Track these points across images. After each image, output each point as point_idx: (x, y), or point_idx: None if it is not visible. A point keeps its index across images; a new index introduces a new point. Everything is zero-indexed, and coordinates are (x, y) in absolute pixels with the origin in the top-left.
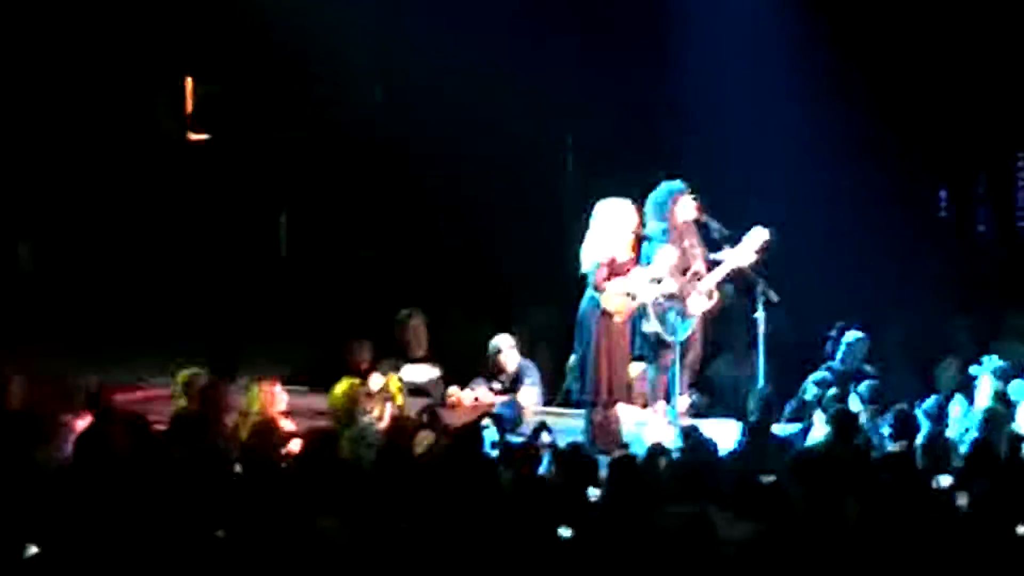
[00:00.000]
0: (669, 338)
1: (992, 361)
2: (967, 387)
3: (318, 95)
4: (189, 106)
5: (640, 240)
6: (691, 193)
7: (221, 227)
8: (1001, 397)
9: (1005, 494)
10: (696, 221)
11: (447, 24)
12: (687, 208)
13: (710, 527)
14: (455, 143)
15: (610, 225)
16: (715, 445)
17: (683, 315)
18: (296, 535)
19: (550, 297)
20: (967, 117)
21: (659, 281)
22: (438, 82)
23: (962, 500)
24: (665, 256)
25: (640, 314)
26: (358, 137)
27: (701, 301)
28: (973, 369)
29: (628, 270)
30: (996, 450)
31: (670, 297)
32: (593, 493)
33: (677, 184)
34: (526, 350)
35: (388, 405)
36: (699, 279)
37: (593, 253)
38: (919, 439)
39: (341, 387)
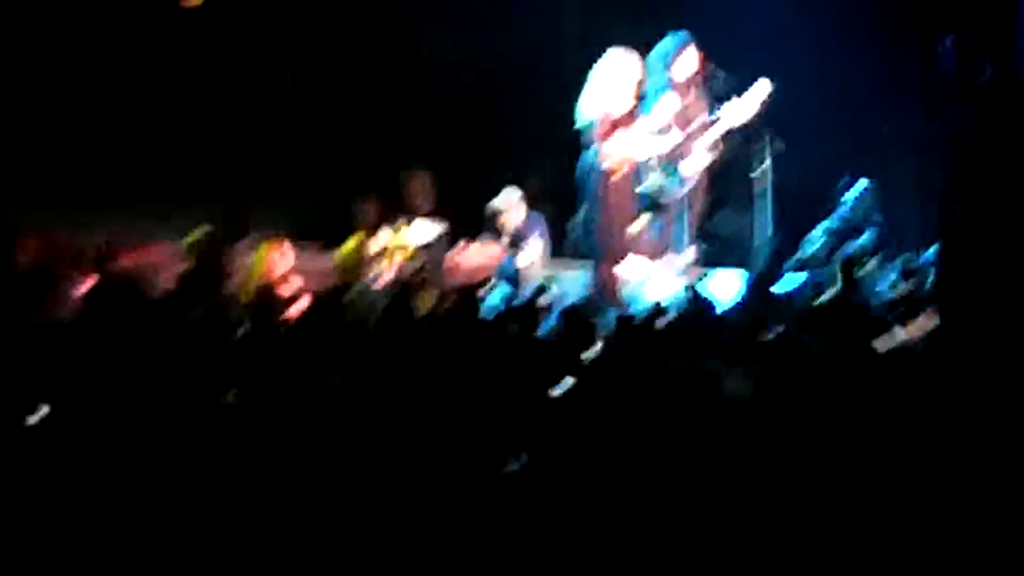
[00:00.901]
0: (669, 195)
1: None
2: None
3: None
4: None
5: (641, 93)
6: (695, 45)
7: (224, 80)
8: None
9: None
10: (700, 74)
11: None
12: (690, 61)
13: (715, 381)
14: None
15: (609, 78)
16: (714, 304)
17: (680, 173)
18: (300, 394)
19: (554, 151)
20: None
21: (660, 132)
22: None
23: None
24: (664, 107)
25: (639, 169)
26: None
27: (701, 157)
28: None
29: (628, 124)
30: None
31: (668, 154)
32: (589, 354)
33: (681, 36)
34: (531, 204)
35: (395, 260)
36: (699, 134)
37: (588, 108)
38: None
39: (349, 245)
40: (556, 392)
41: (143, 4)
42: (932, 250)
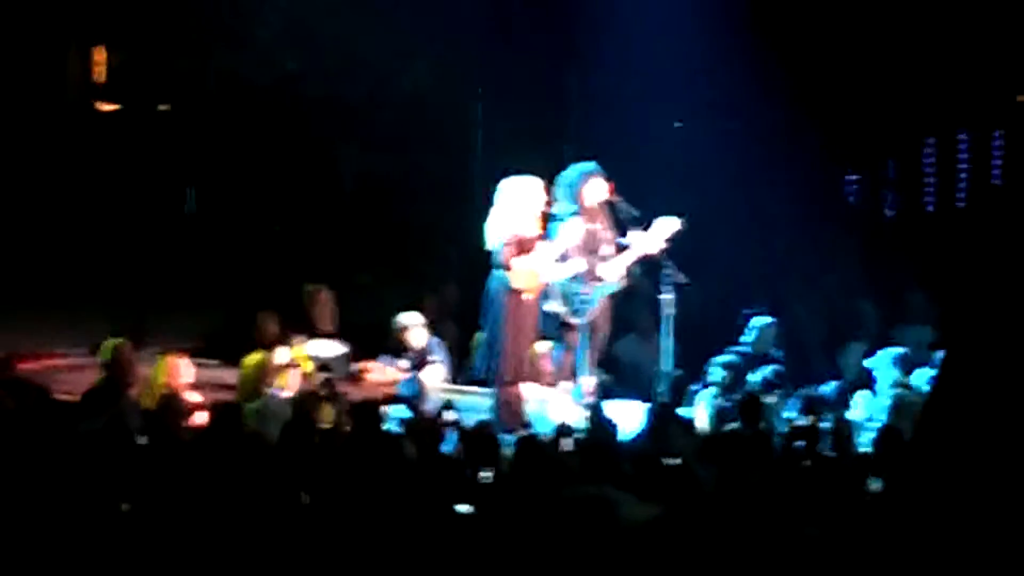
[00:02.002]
0: (573, 319)
1: (887, 353)
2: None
3: (228, 65)
4: (98, 74)
5: (548, 219)
6: (603, 175)
7: (130, 196)
8: (903, 386)
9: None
10: (607, 203)
11: None
12: (598, 190)
13: (611, 508)
14: (364, 113)
15: (516, 202)
16: (616, 426)
17: (588, 296)
18: (200, 508)
19: (456, 272)
20: (876, 103)
21: (565, 258)
22: (349, 51)
23: (875, 485)
24: (570, 231)
25: (545, 293)
26: (267, 106)
27: (606, 283)
28: (868, 362)
29: (534, 247)
30: (904, 436)
31: (575, 278)
32: (486, 475)
33: (589, 165)
34: (433, 326)
35: (295, 374)
36: (605, 261)
37: (499, 230)
38: (824, 423)
39: (251, 360)
40: (459, 510)
41: (51, 113)
42: (831, 385)
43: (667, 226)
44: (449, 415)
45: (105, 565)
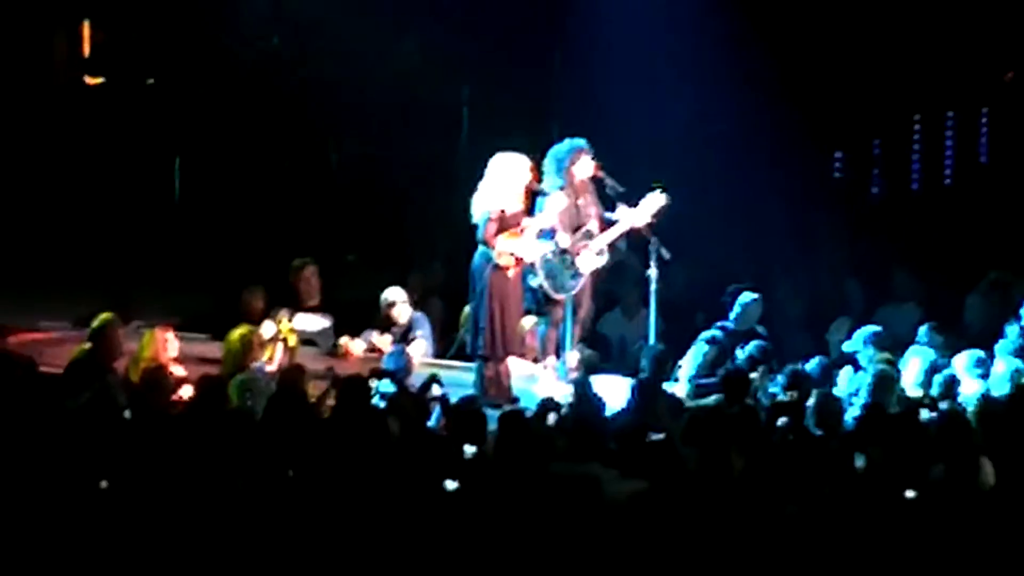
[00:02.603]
0: (556, 294)
1: (861, 333)
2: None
3: (215, 41)
4: (86, 49)
5: (534, 195)
6: (591, 152)
7: (116, 172)
8: (887, 362)
9: (897, 457)
10: (593, 179)
11: None
12: (585, 166)
13: (596, 485)
14: (352, 93)
15: (502, 178)
16: (603, 402)
17: (572, 272)
18: (184, 482)
19: (443, 250)
20: (864, 80)
21: (550, 233)
22: (336, 30)
23: (859, 462)
24: (554, 204)
25: (528, 269)
26: (254, 84)
27: (591, 259)
28: (846, 346)
29: (519, 223)
30: (887, 412)
31: (560, 253)
32: (469, 450)
33: (579, 141)
34: (418, 302)
35: (279, 347)
36: (591, 237)
37: (483, 206)
38: (810, 399)
39: (236, 334)
40: (447, 486)
41: (38, 88)
42: (815, 361)
43: (654, 201)
44: (435, 390)
45: (88, 540)
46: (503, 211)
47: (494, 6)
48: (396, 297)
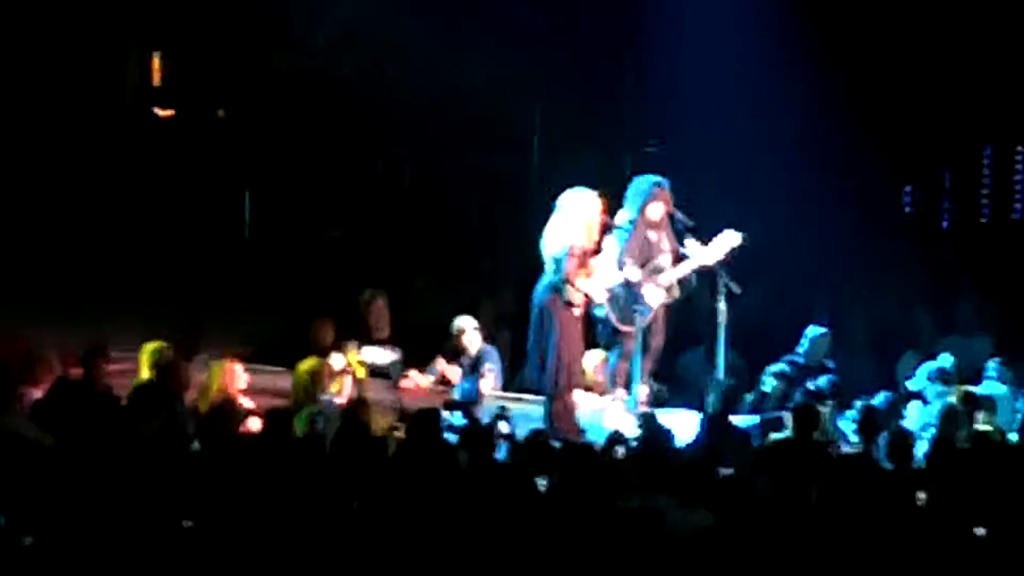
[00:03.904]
0: (623, 326)
1: (924, 369)
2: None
3: (285, 66)
4: (156, 79)
5: (606, 230)
6: (668, 191)
7: (187, 203)
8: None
9: (963, 492)
10: (668, 214)
11: None
12: (658, 208)
13: (661, 518)
14: (423, 114)
15: (576, 214)
16: (671, 434)
17: (638, 305)
18: (251, 514)
19: (514, 276)
20: (933, 113)
21: (620, 266)
22: (407, 51)
23: (921, 496)
24: (610, 246)
25: (601, 301)
26: (325, 109)
27: (658, 293)
28: (910, 383)
29: (591, 261)
30: (955, 448)
31: (627, 286)
32: (541, 483)
33: (660, 179)
34: (488, 333)
35: (348, 380)
36: (660, 271)
37: (560, 241)
38: (882, 435)
39: (305, 365)
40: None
41: (110, 117)
42: (882, 396)
43: (728, 240)
44: (503, 426)
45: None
46: (581, 248)
47: (567, 27)
48: (467, 325)
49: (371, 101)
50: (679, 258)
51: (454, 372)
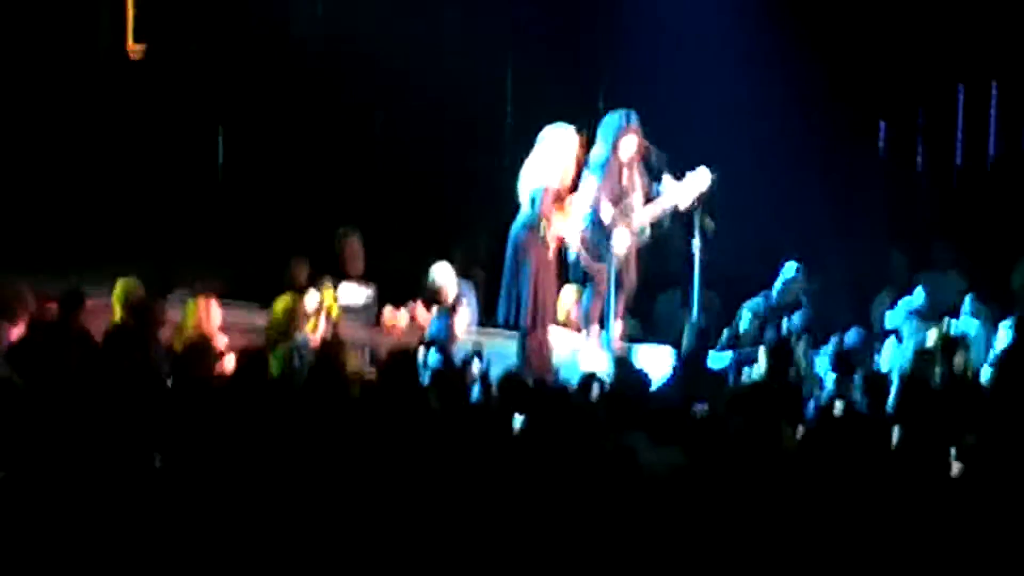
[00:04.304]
0: (595, 265)
1: (905, 304)
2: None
3: (258, 12)
4: (130, 17)
5: (581, 168)
6: (640, 129)
7: (159, 141)
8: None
9: (936, 430)
10: (640, 151)
11: None
12: (631, 144)
13: (634, 457)
14: (395, 62)
15: (553, 152)
16: (647, 375)
17: (609, 245)
18: (222, 453)
19: (487, 222)
20: (907, 52)
21: (594, 210)
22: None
23: (895, 435)
24: (588, 186)
25: (573, 240)
26: (298, 55)
27: (626, 239)
28: (889, 317)
29: (565, 199)
30: (928, 388)
31: (599, 226)
32: (517, 421)
33: (630, 115)
34: (462, 272)
35: (323, 319)
36: (632, 212)
37: (536, 179)
38: (857, 373)
39: (281, 303)
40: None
41: (76, 64)
42: (853, 333)
43: (698, 180)
44: (475, 367)
45: (128, 510)
46: (556, 187)
47: None
48: (445, 279)
49: (343, 46)
50: (649, 197)
51: (426, 315)
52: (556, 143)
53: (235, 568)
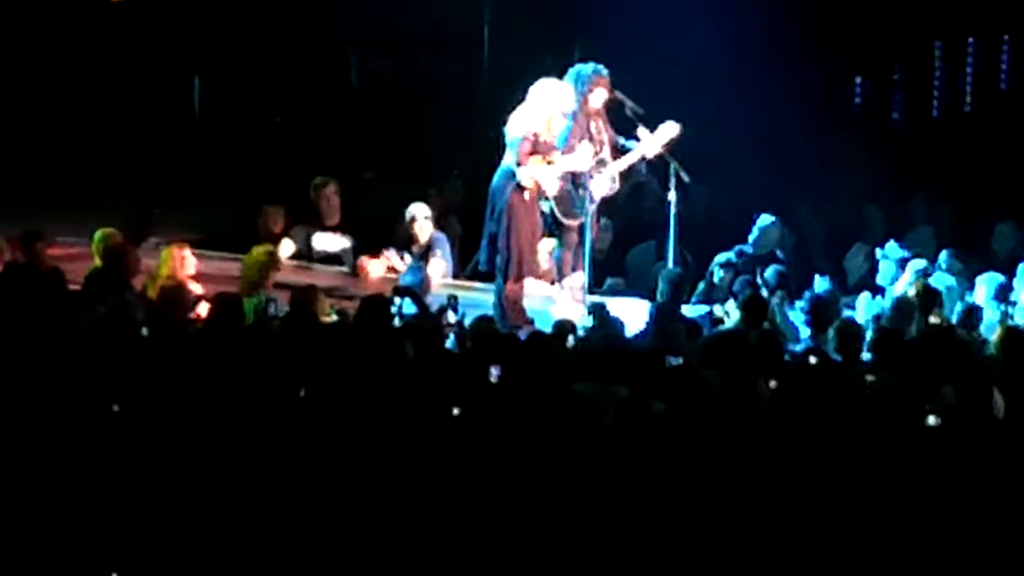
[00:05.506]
0: (566, 219)
1: (895, 250)
2: (874, 273)
3: None
4: None
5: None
6: (609, 81)
7: (135, 88)
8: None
9: (911, 382)
10: (611, 104)
11: None
12: (600, 96)
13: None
14: (373, 9)
15: (542, 104)
16: (622, 324)
17: (583, 198)
18: (197, 401)
19: (463, 168)
20: (884, 7)
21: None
22: None
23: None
24: (583, 154)
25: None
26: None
27: (604, 183)
28: (882, 278)
29: (550, 151)
30: (903, 338)
31: (572, 178)
32: (494, 372)
33: (599, 68)
34: (438, 221)
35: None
36: (604, 164)
37: (519, 127)
38: (832, 325)
39: (255, 252)
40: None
41: (54, 9)
42: (825, 284)
43: (666, 132)
44: (450, 317)
45: (99, 457)
46: (537, 135)
47: None
48: (420, 213)
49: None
50: (619, 151)
51: (403, 263)
52: (544, 95)
53: (207, 516)
